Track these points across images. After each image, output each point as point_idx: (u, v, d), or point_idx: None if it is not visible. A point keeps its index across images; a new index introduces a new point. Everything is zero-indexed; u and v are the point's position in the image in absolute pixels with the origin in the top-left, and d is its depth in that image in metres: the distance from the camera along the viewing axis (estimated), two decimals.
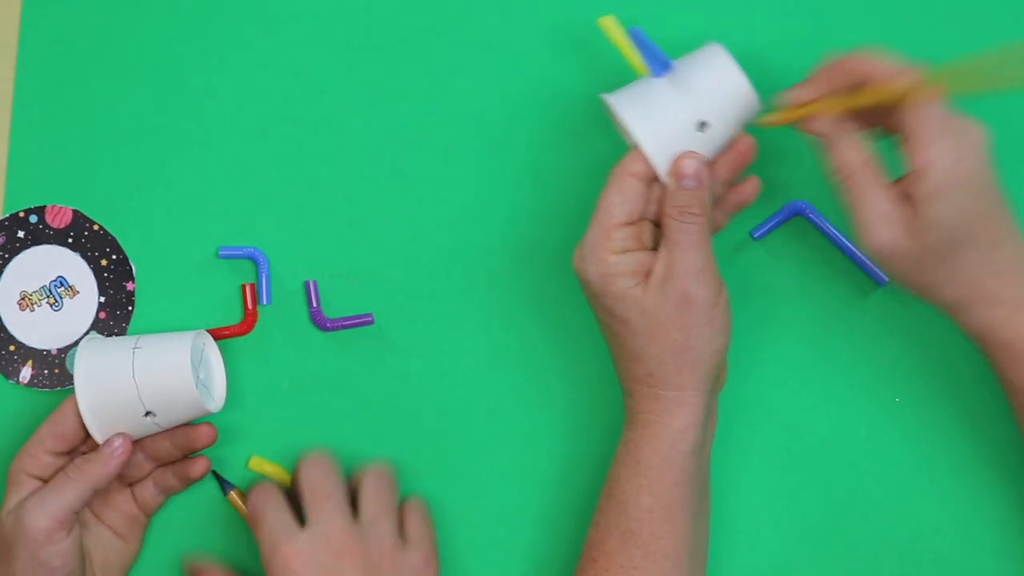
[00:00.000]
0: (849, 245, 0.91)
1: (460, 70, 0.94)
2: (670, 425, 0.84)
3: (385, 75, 0.94)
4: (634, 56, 0.85)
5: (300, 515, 0.86)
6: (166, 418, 0.86)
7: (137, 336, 0.88)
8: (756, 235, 0.91)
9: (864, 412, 0.92)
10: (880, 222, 0.79)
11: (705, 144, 0.84)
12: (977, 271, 0.80)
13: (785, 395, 0.93)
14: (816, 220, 0.91)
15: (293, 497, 0.87)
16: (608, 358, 0.89)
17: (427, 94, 0.94)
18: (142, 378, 0.85)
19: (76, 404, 0.86)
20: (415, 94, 0.94)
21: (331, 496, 0.85)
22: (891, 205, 0.79)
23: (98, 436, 0.86)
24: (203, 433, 0.88)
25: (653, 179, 0.84)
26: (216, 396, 0.89)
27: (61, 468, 0.86)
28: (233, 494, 0.91)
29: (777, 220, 0.92)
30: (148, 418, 0.86)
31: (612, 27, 0.86)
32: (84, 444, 0.88)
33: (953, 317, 0.83)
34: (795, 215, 0.92)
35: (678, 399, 0.84)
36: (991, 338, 0.82)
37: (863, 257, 0.91)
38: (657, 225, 0.85)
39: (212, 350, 0.90)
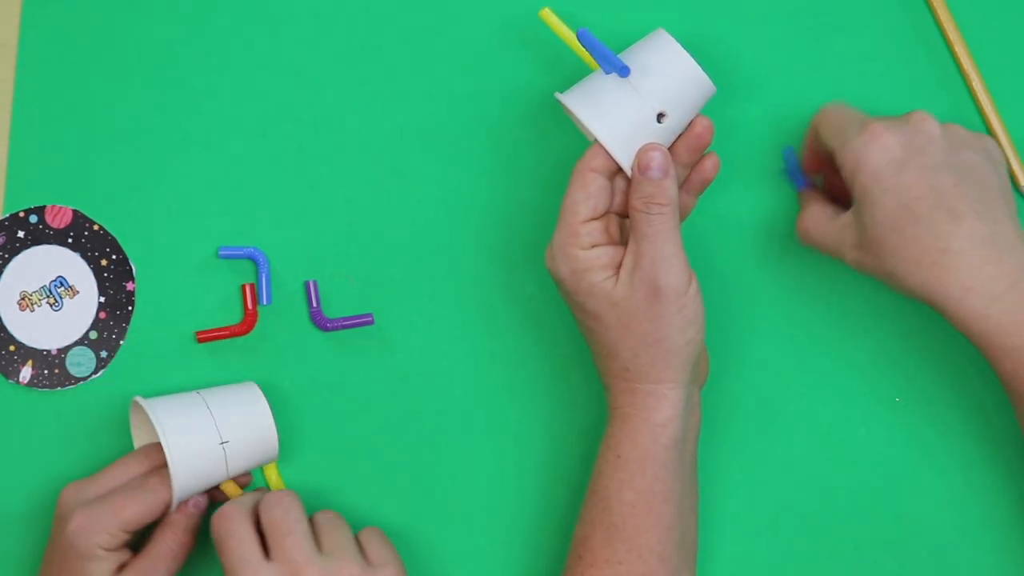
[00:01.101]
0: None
1: (461, 70, 0.94)
2: (648, 419, 0.84)
3: (385, 75, 0.94)
4: (580, 47, 0.85)
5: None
6: (243, 466, 0.89)
7: (209, 404, 0.88)
8: (800, 186, 0.91)
9: (864, 412, 0.92)
10: (839, 229, 0.84)
11: (664, 132, 0.84)
12: (927, 245, 0.80)
13: (785, 395, 0.93)
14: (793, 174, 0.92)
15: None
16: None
17: (427, 94, 0.94)
18: (235, 469, 0.88)
19: (169, 497, 0.86)
20: (415, 94, 0.94)
21: (292, 531, 0.83)
22: (841, 212, 0.85)
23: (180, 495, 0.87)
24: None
25: (615, 172, 0.84)
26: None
27: (130, 540, 0.86)
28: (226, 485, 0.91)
29: (794, 164, 0.91)
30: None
31: (551, 19, 0.85)
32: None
33: (935, 308, 0.82)
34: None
35: (655, 392, 0.84)
36: (967, 330, 0.81)
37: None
38: (624, 217, 0.86)
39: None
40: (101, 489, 0.87)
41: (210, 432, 0.86)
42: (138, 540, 0.88)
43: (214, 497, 0.90)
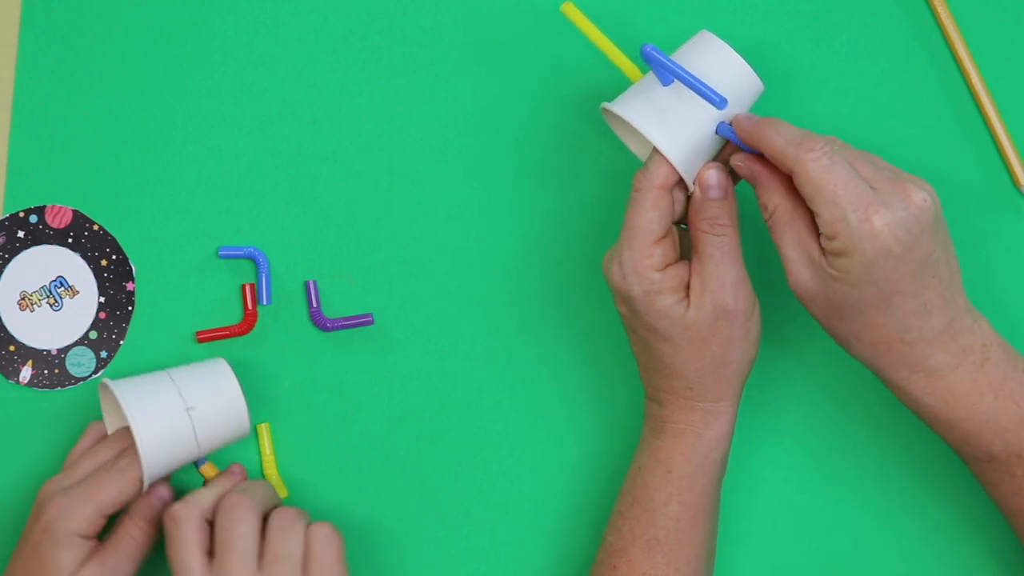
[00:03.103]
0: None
1: (460, 69, 0.94)
2: (704, 435, 0.84)
3: (385, 75, 0.94)
4: (605, 42, 0.83)
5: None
6: (210, 450, 0.89)
7: (173, 377, 0.88)
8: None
9: (864, 412, 0.92)
10: (798, 262, 0.80)
11: (722, 141, 0.83)
12: (888, 335, 0.79)
13: (785, 395, 0.93)
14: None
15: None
16: (604, 358, 0.90)
17: (427, 94, 0.94)
18: (204, 440, 0.87)
19: (140, 474, 0.85)
20: (415, 94, 0.94)
21: (234, 547, 0.83)
22: (811, 248, 0.79)
23: (149, 480, 0.86)
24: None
25: (675, 184, 0.83)
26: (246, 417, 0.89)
27: (104, 525, 0.86)
28: (206, 467, 0.91)
29: None
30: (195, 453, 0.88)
31: (574, 13, 0.83)
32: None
33: (865, 366, 0.82)
34: None
35: (714, 410, 0.84)
36: (912, 404, 0.81)
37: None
38: (680, 224, 0.85)
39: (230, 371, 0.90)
40: (76, 478, 0.87)
41: (174, 399, 0.86)
42: (104, 532, 0.87)
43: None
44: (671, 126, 0.81)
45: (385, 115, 0.94)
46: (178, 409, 0.85)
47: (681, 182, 0.82)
